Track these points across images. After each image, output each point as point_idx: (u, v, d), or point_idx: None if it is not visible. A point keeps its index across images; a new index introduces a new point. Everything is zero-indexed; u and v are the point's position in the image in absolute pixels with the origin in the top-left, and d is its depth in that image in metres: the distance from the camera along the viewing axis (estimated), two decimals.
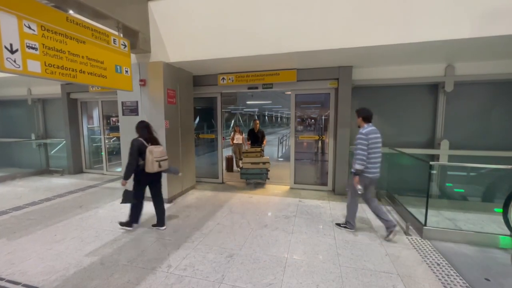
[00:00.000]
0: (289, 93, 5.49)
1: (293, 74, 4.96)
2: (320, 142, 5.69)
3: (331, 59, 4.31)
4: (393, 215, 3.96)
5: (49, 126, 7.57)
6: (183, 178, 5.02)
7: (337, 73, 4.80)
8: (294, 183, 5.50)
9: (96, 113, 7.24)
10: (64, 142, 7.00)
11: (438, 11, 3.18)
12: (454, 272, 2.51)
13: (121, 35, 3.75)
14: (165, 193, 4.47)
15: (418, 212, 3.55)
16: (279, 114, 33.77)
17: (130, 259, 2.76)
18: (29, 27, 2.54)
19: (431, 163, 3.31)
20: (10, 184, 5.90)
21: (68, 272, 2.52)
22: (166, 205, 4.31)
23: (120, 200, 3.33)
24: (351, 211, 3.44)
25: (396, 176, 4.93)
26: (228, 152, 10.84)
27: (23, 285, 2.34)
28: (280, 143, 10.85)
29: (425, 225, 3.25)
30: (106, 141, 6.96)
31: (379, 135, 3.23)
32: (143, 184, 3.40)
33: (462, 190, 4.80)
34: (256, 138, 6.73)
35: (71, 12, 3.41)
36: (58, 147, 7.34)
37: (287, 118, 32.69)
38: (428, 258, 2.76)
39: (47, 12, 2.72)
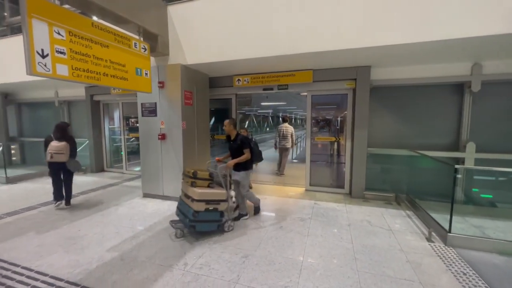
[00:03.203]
0: (305, 94, 5.43)
1: (309, 74, 4.90)
2: (336, 143, 5.58)
3: (348, 59, 4.22)
4: (413, 220, 3.80)
5: (74, 127, 7.97)
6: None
7: (354, 73, 4.69)
8: (310, 185, 5.42)
9: (116, 114, 7.55)
10: (87, 142, 7.34)
11: (464, 6, 3.02)
12: (482, 283, 2.36)
13: (142, 39, 3.89)
14: None
15: (441, 218, 3.38)
16: (293, 116, 33.54)
17: (148, 255, 2.83)
18: (59, 33, 2.69)
19: (456, 166, 3.14)
20: (39, 181, 6.26)
21: (91, 266, 2.63)
22: None
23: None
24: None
25: (417, 179, 4.73)
26: None
27: (50, 276, 2.47)
28: (295, 144, 10.73)
29: (449, 231, 3.09)
30: (125, 141, 7.23)
31: None
32: None
33: (490, 196, 4.51)
34: (232, 150, 3.72)
35: (94, 18, 3.58)
36: (81, 147, 7.70)
37: (301, 120, 32.36)
38: (453, 267, 2.62)
39: (75, 18, 2.87)
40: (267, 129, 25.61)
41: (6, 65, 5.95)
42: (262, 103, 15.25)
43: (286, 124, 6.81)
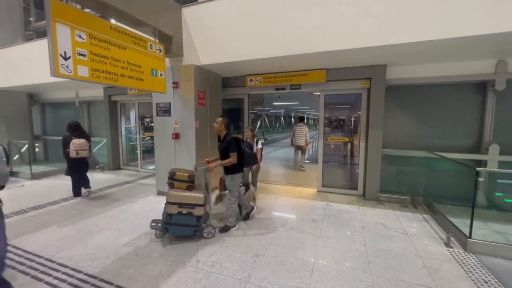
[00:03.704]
0: (318, 94, 5.37)
1: (322, 74, 4.84)
2: (349, 144, 5.48)
3: (363, 58, 4.13)
4: (431, 224, 3.66)
5: (93, 126, 8.30)
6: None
7: (369, 72, 4.59)
8: (322, 186, 5.35)
9: (132, 114, 7.79)
10: (105, 140, 7.62)
11: (490, 0, 2.88)
12: None
13: (157, 40, 3.99)
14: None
15: (461, 223, 3.24)
16: (305, 115, 33.22)
17: (161, 252, 2.91)
18: (80, 36, 2.81)
19: (477, 169, 2.99)
20: (60, 177, 6.57)
21: (107, 260, 2.73)
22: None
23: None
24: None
25: (435, 182, 4.55)
26: None
27: (71, 268, 2.59)
28: (309, 143, 10.61)
29: (469, 237, 2.95)
30: (141, 140, 7.45)
31: None
32: None
33: None
34: (220, 151, 3.45)
35: (113, 21, 3.71)
36: (99, 145, 8.01)
37: (314, 120, 31.96)
38: (473, 274, 2.50)
39: (94, 22, 3.00)
40: (279, 129, 25.47)
41: (31, 67, 6.28)
42: (274, 103, 15.20)
43: (301, 124, 7.44)
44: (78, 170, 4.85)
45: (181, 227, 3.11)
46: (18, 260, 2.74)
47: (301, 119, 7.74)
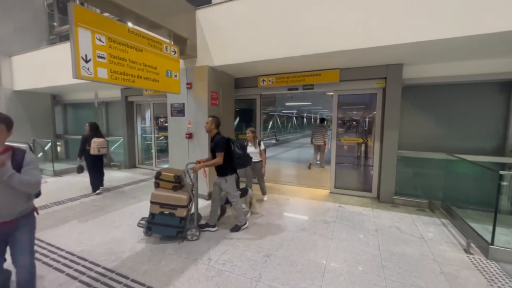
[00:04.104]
0: (331, 94, 5.30)
1: (336, 74, 4.78)
2: (363, 145, 5.36)
3: (379, 57, 4.04)
4: (449, 229, 3.52)
5: (110, 126, 8.62)
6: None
7: (385, 71, 4.47)
8: (335, 187, 5.27)
9: (148, 114, 8.02)
10: (122, 140, 7.89)
11: None
12: None
13: (172, 42, 4.09)
14: (205, 189, 4.73)
15: (482, 229, 3.09)
16: (318, 116, 32.81)
17: (174, 248, 2.98)
18: (100, 40, 2.94)
19: (501, 172, 2.85)
20: (80, 175, 6.85)
21: (124, 255, 2.84)
22: (206, 202, 4.55)
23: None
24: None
25: (455, 186, 4.37)
26: (267, 153, 10.94)
27: (90, 261, 2.71)
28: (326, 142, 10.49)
29: (491, 244, 2.81)
30: (155, 139, 7.66)
31: None
32: None
33: None
34: (211, 150, 3.42)
35: (130, 24, 3.85)
36: (116, 144, 8.30)
37: (327, 120, 31.45)
38: (496, 283, 2.39)
39: (113, 25, 3.12)
40: (291, 129, 25.29)
41: (55, 69, 6.61)
42: (287, 103, 15.12)
43: (321, 125, 7.92)
44: (96, 166, 5.21)
45: (164, 227, 3.09)
46: (42, 252, 2.90)
47: (321, 121, 8.30)
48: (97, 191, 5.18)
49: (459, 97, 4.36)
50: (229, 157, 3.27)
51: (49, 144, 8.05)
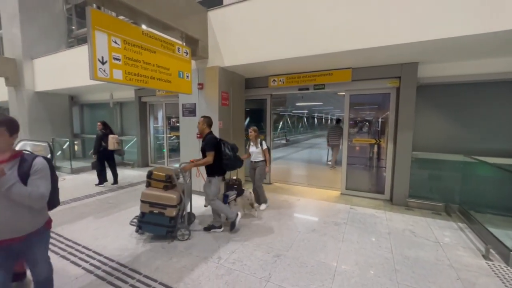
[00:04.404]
0: (342, 94, 5.22)
1: (348, 73, 4.70)
2: (376, 146, 5.25)
3: (393, 56, 3.94)
4: (467, 234, 3.38)
5: (125, 125, 8.87)
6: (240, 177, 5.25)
7: (399, 71, 4.36)
8: (346, 188, 5.19)
9: (160, 114, 8.19)
10: (135, 139, 8.10)
11: None
12: None
13: (184, 43, 4.16)
14: None
15: (503, 234, 2.96)
16: (329, 116, 32.40)
17: (185, 246, 3.03)
18: (115, 42, 3.03)
19: None
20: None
21: (137, 251, 2.91)
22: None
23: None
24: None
25: (473, 189, 4.19)
26: (277, 153, 10.93)
27: (105, 257, 2.80)
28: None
29: None
30: (167, 139, 7.81)
31: None
32: None
33: None
34: (201, 150, 3.40)
35: (144, 26, 3.94)
36: (130, 143, 8.53)
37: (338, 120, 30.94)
38: None
39: (128, 28, 3.21)
40: (302, 130, 25.07)
41: (73, 71, 6.88)
42: (297, 103, 15.03)
43: (337, 125, 8.11)
44: (111, 160, 5.79)
45: (154, 226, 3.12)
46: (60, 246, 3.02)
47: (337, 121, 8.48)
48: (104, 184, 5.76)
49: (478, 97, 4.19)
50: (219, 158, 3.25)
51: (67, 143, 8.37)
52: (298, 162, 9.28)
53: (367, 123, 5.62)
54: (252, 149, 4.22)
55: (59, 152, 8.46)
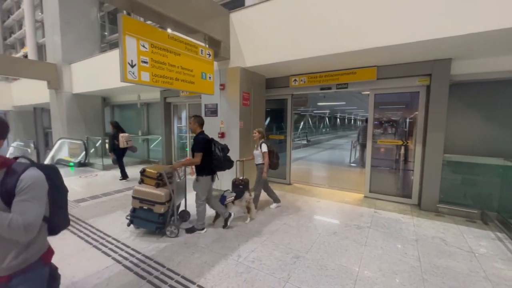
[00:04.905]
0: (367, 93, 5.03)
1: (373, 72, 4.52)
2: (403, 148, 4.99)
3: (423, 52, 3.72)
4: (506, 245, 3.10)
5: (151, 125, 9.31)
6: (252, 177, 5.29)
7: (429, 67, 4.10)
8: (370, 191, 4.99)
9: (183, 114, 8.48)
10: (160, 138, 8.47)
11: None
12: None
13: (207, 45, 4.27)
14: None
15: None
16: (352, 116, 31.34)
17: (206, 243, 3.11)
18: (143, 46, 3.20)
19: None
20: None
21: (161, 245, 3.05)
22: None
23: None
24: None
25: None
26: (297, 154, 10.80)
27: (132, 248, 2.97)
28: (354, 147, 10.07)
29: None
30: (190, 139, 8.06)
31: None
32: None
33: None
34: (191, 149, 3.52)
35: (169, 30, 4.12)
36: (155, 142, 8.94)
37: (362, 121, 29.80)
38: None
39: (155, 32, 3.37)
40: (323, 130, 24.49)
41: (105, 74, 7.37)
42: (319, 103, 14.71)
43: (366, 125, 7.80)
44: (123, 157, 6.22)
45: (144, 221, 3.23)
46: (93, 236, 3.26)
47: (367, 121, 8.37)
48: (128, 179, 6.23)
49: None
50: (208, 158, 3.25)
51: (99, 141, 8.98)
52: (319, 163, 9.10)
53: (393, 124, 5.36)
54: (255, 151, 4.09)
55: (93, 149, 9.09)
